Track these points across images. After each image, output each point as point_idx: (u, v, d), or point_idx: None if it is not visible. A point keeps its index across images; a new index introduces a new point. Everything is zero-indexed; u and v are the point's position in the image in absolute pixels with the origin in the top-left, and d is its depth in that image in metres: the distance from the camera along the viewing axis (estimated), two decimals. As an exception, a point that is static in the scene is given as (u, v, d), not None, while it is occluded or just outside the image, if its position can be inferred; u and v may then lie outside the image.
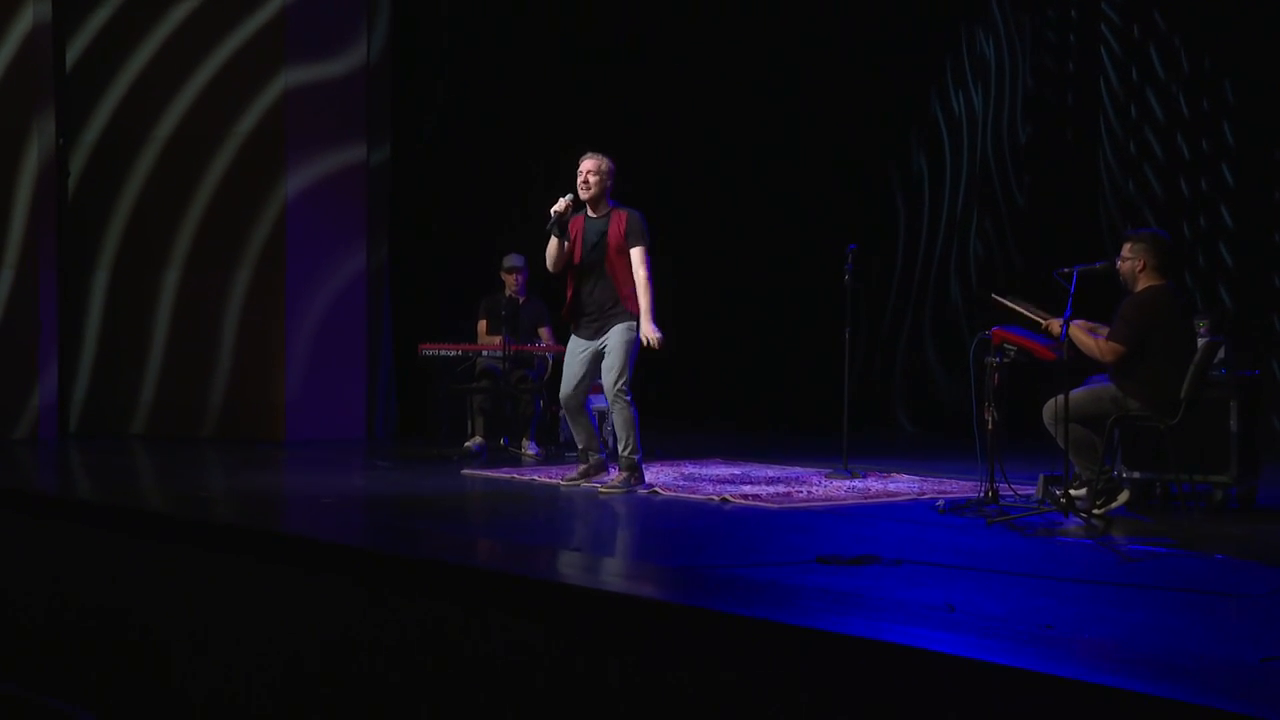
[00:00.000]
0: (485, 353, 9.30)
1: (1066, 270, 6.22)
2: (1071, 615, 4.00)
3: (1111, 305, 6.40)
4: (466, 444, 9.21)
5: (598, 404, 9.60)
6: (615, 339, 6.96)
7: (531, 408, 9.24)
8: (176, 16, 10.31)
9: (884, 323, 11.74)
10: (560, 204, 7.05)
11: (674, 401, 11.91)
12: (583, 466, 7.26)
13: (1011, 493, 6.56)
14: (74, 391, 10.43)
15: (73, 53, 10.48)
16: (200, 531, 5.37)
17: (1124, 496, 6.31)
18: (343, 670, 4.53)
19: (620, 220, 7.02)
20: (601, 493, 6.97)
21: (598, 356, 7.05)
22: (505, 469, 7.97)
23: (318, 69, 10.26)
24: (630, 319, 6.98)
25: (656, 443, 9.79)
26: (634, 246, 6.99)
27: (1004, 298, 6.58)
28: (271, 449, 9.59)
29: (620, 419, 7.00)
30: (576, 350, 7.12)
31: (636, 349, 7.01)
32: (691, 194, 12.08)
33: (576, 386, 7.10)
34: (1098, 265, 6.36)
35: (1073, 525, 5.92)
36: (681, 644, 3.60)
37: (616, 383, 6.94)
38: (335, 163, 10.34)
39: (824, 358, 10.56)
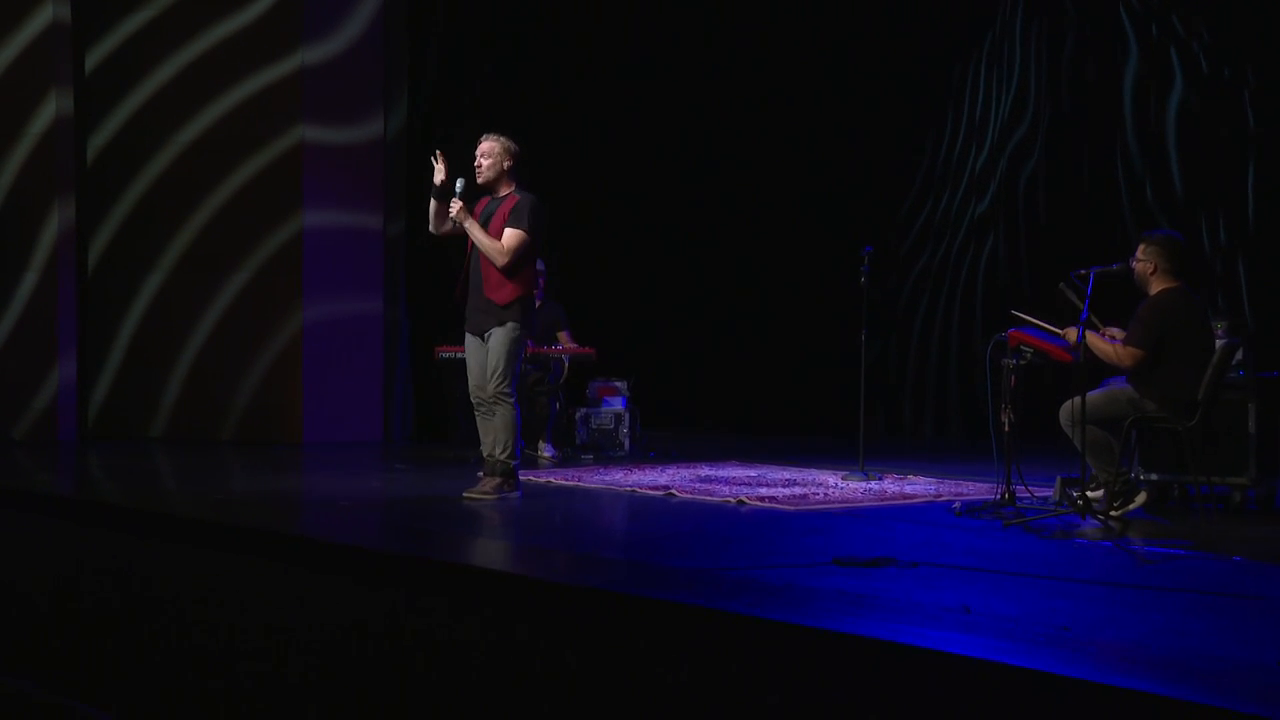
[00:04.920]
0: (502, 355, 9.30)
1: (1083, 272, 6.22)
2: (1088, 617, 3.99)
3: (1127, 307, 6.38)
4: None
5: (613, 405, 9.65)
6: (495, 340, 6.59)
7: (548, 410, 9.26)
8: (196, 47, 10.37)
9: (903, 324, 11.73)
10: (454, 207, 6.64)
11: (690, 404, 11.93)
12: (488, 479, 6.74)
13: (1028, 495, 6.55)
14: (91, 393, 10.46)
15: (91, 60, 10.53)
16: (219, 534, 5.39)
17: (1141, 498, 6.30)
18: (358, 671, 4.54)
19: (510, 204, 6.65)
20: (465, 498, 6.60)
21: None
22: (521, 471, 7.96)
23: (334, 133, 10.35)
24: (508, 320, 6.59)
25: (673, 445, 9.83)
26: (508, 227, 6.58)
27: (1022, 314, 6.55)
28: (289, 451, 9.62)
29: (501, 420, 6.59)
30: (471, 347, 6.76)
31: (521, 350, 6.68)
32: (707, 198, 12.10)
33: (485, 379, 6.67)
34: (1114, 267, 6.34)
35: (1090, 527, 5.91)
36: (698, 646, 3.61)
37: (499, 385, 6.57)
38: (351, 221, 10.43)
39: (840, 360, 10.55)
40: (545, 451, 9.17)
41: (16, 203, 10.04)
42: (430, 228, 6.88)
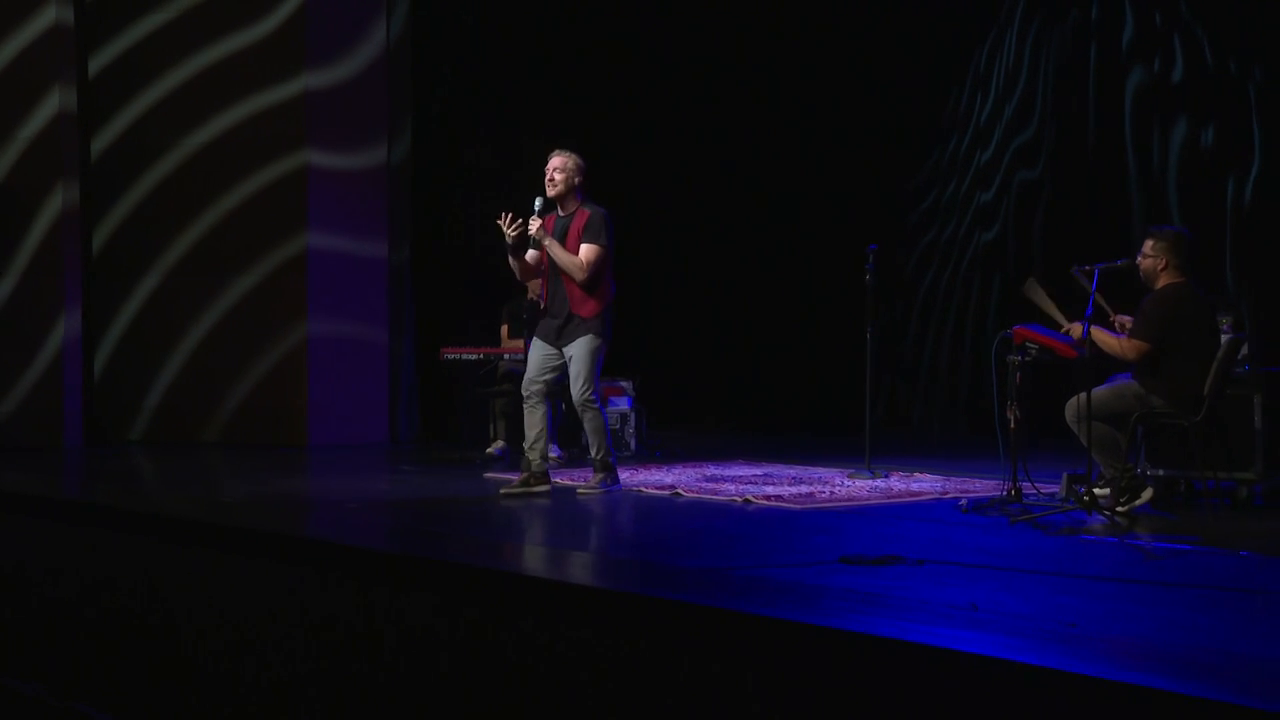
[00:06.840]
0: (507, 356, 9.32)
1: (1088, 268, 6.21)
2: (1096, 613, 3.99)
3: (1132, 303, 6.38)
4: (489, 448, 9.23)
5: (618, 405, 9.64)
6: (578, 350, 6.93)
7: (554, 411, 9.25)
8: (198, 63, 10.42)
9: (903, 321, 11.72)
10: (534, 225, 6.90)
11: (696, 403, 11.92)
12: (524, 475, 7.07)
13: (1035, 491, 6.55)
14: (95, 396, 10.46)
15: (95, 64, 10.54)
16: (225, 536, 5.40)
17: (1148, 494, 6.29)
18: (365, 673, 4.55)
19: (582, 219, 6.99)
20: (580, 493, 7.06)
21: (561, 358, 7.03)
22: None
23: (339, 159, 10.38)
24: (590, 329, 6.93)
25: (679, 444, 9.83)
26: (585, 243, 6.92)
27: (1039, 285, 6.51)
28: (294, 454, 9.62)
29: (591, 426, 7.05)
30: (538, 347, 7.08)
31: (602, 358, 7.01)
32: (712, 195, 12.10)
33: (539, 374, 7.04)
34: (1119, 263, 6.34)
35: (1097, 523, 5.90)
36: (706, 645, 3.61)
37: (583, 392, 6.94)
38: (355, 246, 10.48)
39: (846, 358, 10.54)
40: (551, 452, 9.15)
41: (17, 196, 10.03)
42: (520, 277, 7.29)
